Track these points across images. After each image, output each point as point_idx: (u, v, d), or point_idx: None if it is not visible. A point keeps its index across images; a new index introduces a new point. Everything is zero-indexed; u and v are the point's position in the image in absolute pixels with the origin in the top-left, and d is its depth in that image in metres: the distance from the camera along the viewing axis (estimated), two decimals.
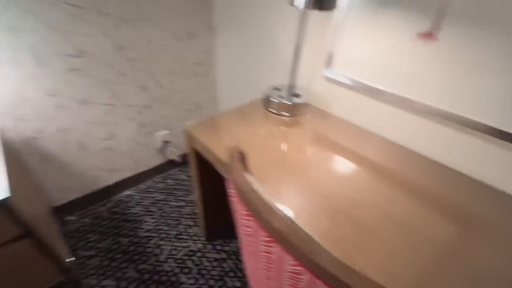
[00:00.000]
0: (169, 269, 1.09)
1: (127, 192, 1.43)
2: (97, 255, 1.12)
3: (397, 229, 0.53)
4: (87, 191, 1.30)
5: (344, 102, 0.90)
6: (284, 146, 0.75)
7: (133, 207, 1.35)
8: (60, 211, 1.24)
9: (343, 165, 0.69)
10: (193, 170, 0.95)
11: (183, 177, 1.55)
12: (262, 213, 0.33)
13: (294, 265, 0.32)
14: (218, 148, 0.72)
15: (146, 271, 1.08)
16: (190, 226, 1.27)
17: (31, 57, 0.91)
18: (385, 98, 0.78)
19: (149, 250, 1.15)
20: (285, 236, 0.31)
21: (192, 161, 0.91)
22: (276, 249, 0.34)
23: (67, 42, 0.96)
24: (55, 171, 1.15)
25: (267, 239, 0.34)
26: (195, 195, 1.05)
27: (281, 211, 0.31)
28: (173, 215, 1.32)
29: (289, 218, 0.30)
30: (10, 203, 0.64)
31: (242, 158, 0.41)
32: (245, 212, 0.38)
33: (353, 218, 0.54)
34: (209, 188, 1.04)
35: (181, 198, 1.42)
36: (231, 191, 0.42)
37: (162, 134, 1.42)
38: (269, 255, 0.37)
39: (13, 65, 0.89)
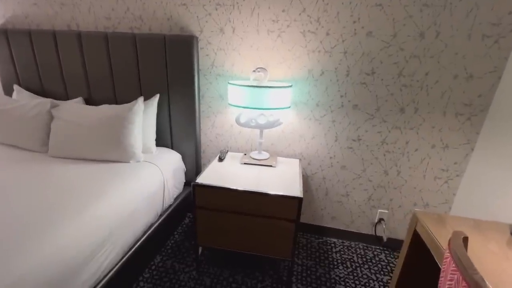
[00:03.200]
0: None
1: (334, 239, 1.80)
2: (302, 265, 1.56)
3: None
4: (313, 222, 1.84)
5: None
6: None
7: (333, 252, 1.69)
8: None
9: None
10: (404, 250, 1.12)
11: (382, 257, 1.67)
12: (466, 270, 0.52)
13: None
14: (439, 238, 0.88)
15: None
16: None
17: (332, 137, 1.60)
18: None
19: None
20: (479, 284, 0.49)
21: (407, 241, 1.09)
22: None
23: (355, 131, 1.57)
24: (309, 196, 1.80)
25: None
26: (393, 276, 1.18)
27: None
28: (362, 280, 1.48)
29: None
30: (299, 201, 1.23)
31: (464, 238, 0.61)
32: (453, 268, 0.57)
33: None
34: (409, 275, 1.13)
35: (374, 272, 1.55)
36: (447, 254, 0.62)
37: (381, 212, 1.68)
38: None
39: (324, 138, 1.62)
